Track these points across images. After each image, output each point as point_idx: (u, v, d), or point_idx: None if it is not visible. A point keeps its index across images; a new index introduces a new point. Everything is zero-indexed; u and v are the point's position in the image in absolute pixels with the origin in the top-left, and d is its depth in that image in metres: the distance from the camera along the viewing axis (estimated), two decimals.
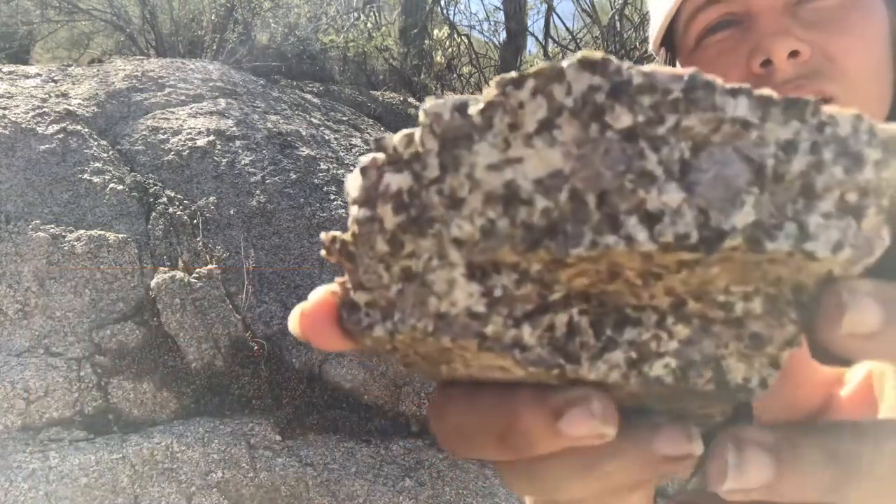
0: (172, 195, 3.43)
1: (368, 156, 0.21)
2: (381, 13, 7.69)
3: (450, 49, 6.95)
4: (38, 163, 3.29)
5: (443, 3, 7.33)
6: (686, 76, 0.18)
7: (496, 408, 0.22)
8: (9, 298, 2.76)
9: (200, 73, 4.47)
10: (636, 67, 0.18)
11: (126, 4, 5.79)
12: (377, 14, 7.54)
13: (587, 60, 0.18)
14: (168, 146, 3.69)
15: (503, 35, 7.32)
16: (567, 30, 7.51)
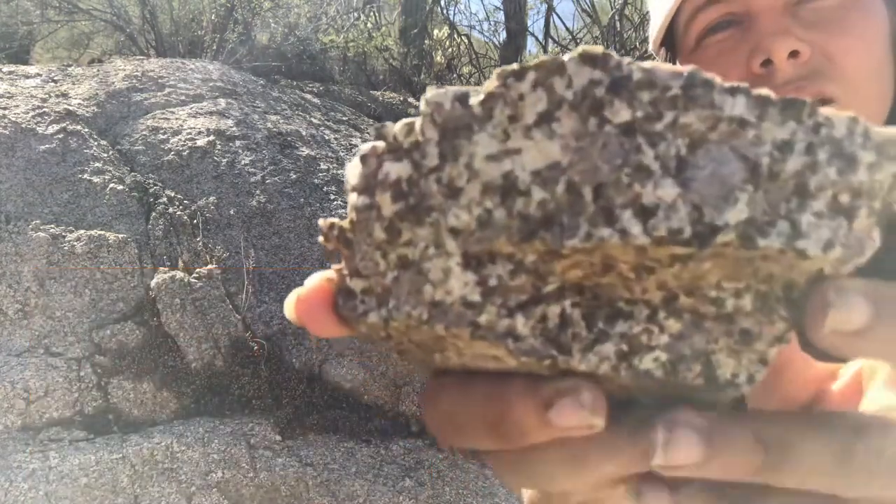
0: (172, 195, 3.43)
1: (368, 144, 0.21)
2: (381, 13, 7.69)
3: (450, 49, 6.95)
4: (38, 163, 3.29)
5: (443, 3, 7.33)
6: (685, 73, 0.18)
7: (488, 397, 0.22)
8: (9, 298, 2.76)
9: (200, 73, 4.47)
10: (636, 63, 0.19)
11: (126, 4, 5.79)
12: (377, 14, 7.54)
13: (588, 55, 0.19)
14: (168, 146, 3.69)
15: (503, 35, 7.32)
16: (567, 30, 7.51)
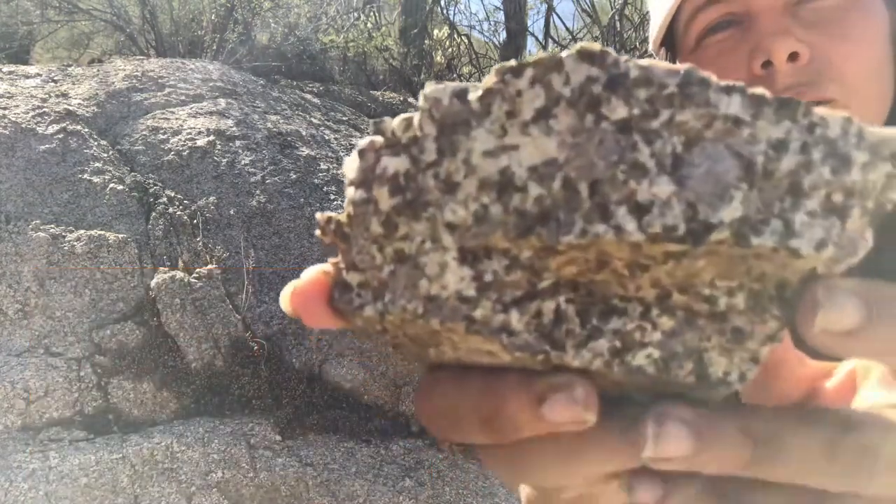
0: (172, 195, 3.43)
1: (367, 139, 0.21)
2: (381, 13, 7.69)
3: (450, 49, 6.95)
4: (38, 163, 3.29)
5: (443, 3, 7.33)
6: (682, 71, 0.19)
7: (482, 391, 0.22)
8: (9, 298, 2.76)
9: (200, 73, 4.47)
10: (634, 61, 0.19)
11: (126, 4, 5.78)
12: (377, 14, 7.54)
13: (586, 52, 0.19)
14: (168, 146, 3.69)
15: (503, 35, 7.32)
16: (567, 30, 7.51)
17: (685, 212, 0.18)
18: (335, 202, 3.69)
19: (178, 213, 3.33)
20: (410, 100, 5.88)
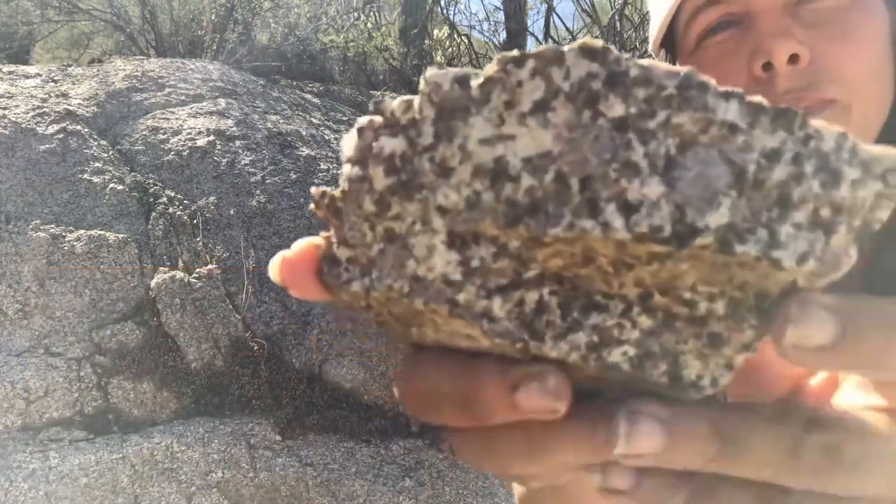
0: (172, 195, 3.43)
1: (366, 117, 0.21)
2: (381, 13, 7.69)
3: (450, 49, 6.95)
4: (38, 163, 3.29)
5: (443, 3, 7.33)
6: (682, 74, 0.19)
7: (461, 375, 0.22)
8: (9, 298, 2.76)
9: (200, 73, 4.47)
10: (635, 60, 0.19)
11: (126, 4, 5.79)
12: (377, 14, 7.54)
13: (588, 48, 0.19)
14: (168, 146, 3.69)
15: (503, 35, 7.32)
16: (567, 30, 7.50)
17: (673, 214, 0.18)
18: None
19: (178, 213, 3.33)
20: None
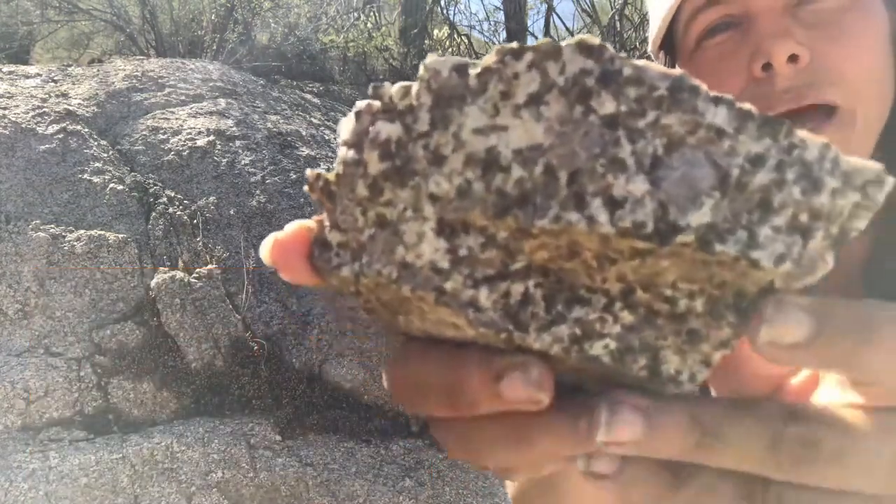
0: (172, 195, 3.43)
1: (364, 102, 0.21)
2: (381, 13, 7.69)
3: (450, 49, 6.95)
4: (38, 163, 3.29)
5: (443, 3, 7.33)
6: (674, 76, 0.19)
7: (446, 364, 0.23)
8: (9, 298, 2.76)
9: (200, 73, 4.47)
10: (629, 59, 0.19)
11: (126, 4, 5.79)
12: (377, 14, 7.54)
13: (585, 44, 0.19)
14: (168, 146, 3.69)
15: (503, 35, 7.32)
16: (567, 30, 7.50)
17: (656, 211, 0.19)
18: None
19: (178, 213, 3.33)
20: None
